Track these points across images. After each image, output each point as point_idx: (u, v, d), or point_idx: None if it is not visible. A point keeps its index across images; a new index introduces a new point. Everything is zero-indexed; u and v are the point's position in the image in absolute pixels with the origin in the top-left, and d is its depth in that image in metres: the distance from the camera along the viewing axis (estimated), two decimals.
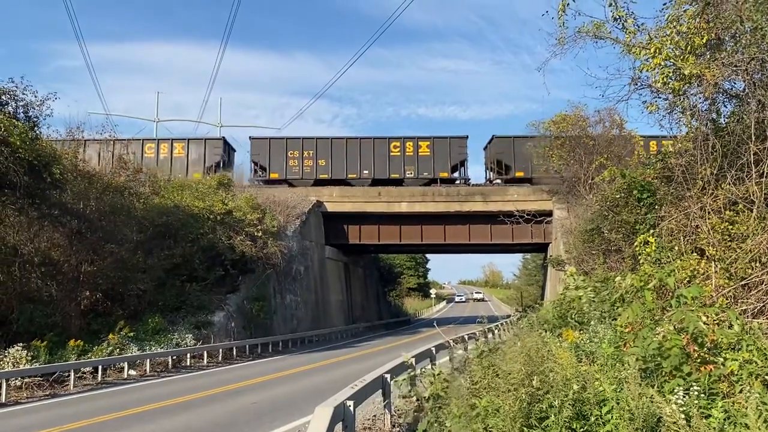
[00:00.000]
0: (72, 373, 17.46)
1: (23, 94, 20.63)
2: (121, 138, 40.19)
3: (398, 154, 39.26)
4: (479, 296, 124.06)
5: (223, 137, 40.76)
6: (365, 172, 38.96)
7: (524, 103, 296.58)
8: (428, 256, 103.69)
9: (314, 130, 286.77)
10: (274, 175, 39.08)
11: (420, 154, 39.18)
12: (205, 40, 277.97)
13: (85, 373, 18.58)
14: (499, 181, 40.13)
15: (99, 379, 18.42)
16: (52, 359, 18.25)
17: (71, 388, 17.09)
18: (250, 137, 41.18)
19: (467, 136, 40.31)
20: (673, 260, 11.13)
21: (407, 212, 38.43)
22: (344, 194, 38.56)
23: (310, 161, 39.23)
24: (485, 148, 41.86)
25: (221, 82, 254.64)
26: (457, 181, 40.11)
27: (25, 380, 16.44)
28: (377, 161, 39.11)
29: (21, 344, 17.70)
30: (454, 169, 39.80)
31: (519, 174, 38.28)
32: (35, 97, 20.94)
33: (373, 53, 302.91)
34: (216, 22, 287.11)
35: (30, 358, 17.53)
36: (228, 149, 41.19)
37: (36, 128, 21.06)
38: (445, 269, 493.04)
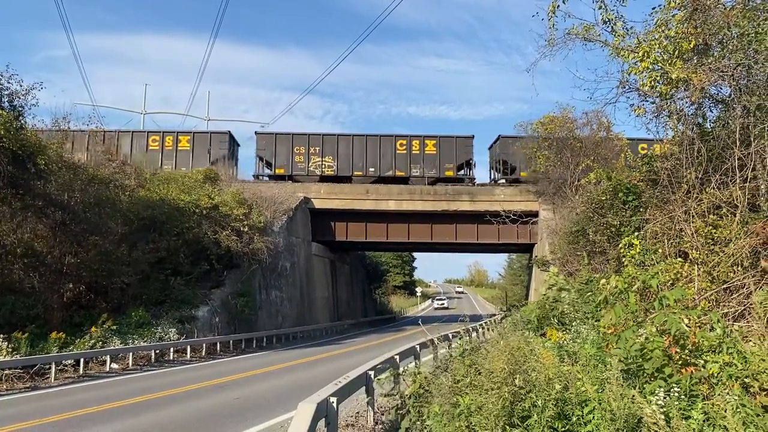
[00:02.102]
0: (53, 366, 17.31)
1: (8, 83, 20.45)
2: (125, 129, 40.07)
3: (404, 152, 39.36)
4: (459, 290, 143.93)
5: (229, 131, 40.55)
6: (371, 169, 39.04)
7: (515, 103, 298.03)
8: (415, 254, 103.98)
9: (304, 126, 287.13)
10: (280, 171, 39.05)
11: (426, 152, 39.32)
12: (197, 33, 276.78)
13: (66, 365, 18.42)
14: (503, 181, 40.26)
15: (81, 372, 18.27)
16: (33, 351, 18.08)
17: (52, 380, 16.94)
18: (255, 132, 41.17)
19: (473, 136, 40.42)
20: (657, 263, 11.20)
21: (395, 210, 38.45)
22: (332, 191, 38.51)
23: (317, 157, 39.18)
24: (490, 148, 41.98)
25: (212, 76, 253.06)
26: (464, 180, 40.20)
27: (5, 372, 16.26)
28: (383, 159, 39.19)
29: (1, 336, 17.54)
30: (459, 167, 39.91)
31: (524, 174, 38.28)
32: (20, 86, 20.76)
33: (365, 51, 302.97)
34: (209, 15, 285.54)
35: (11, 349, 17.37)
36: (233, 143, 41.05)
37: (21, 118, 20.84)
38: (432, 268, 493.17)
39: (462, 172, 40.40)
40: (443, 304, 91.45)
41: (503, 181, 40.26)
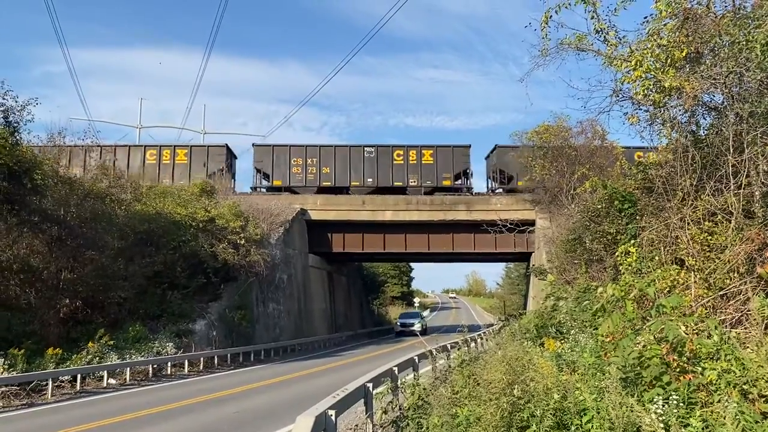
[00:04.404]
0: (50, 382, 17.19)
1: (3, 98, 20.41)
2: (123, 144, 40.16)
3: (401, 162, 39.35)
4: (452, 296, 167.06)
5: (226, 144, 40.57)
6: (369, 180, 39.02)
7: (511, 113, 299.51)
8: (412, 264, 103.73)
9: (302, 138, 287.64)
10: (277, 182, 39.05)
11: (423, 162, 39.31)
12: (193, 47, 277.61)
13: (63, 381, 18.30)
14: (501, 190, 40.32)
15: (78, 388, 18.16)
16: (30, 368, 17.95)
17: (49, 397, 16.83)
18: (253, 144, 41.14)
19: (470, 146, 40.51)
20: (654, 270, 11.23)
21: (391, 221, 38.44)
22: (328, 202, 38.51)
23: (314, 168, 39.22)
24: (487, 158, 42.04)
25: (209, 89, 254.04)
26: (461, 190, 40.24)
27: (2, 389, 16.16)
28: (380, 169, 39.20)
29: None
30: (457, 177, 39.93)
31: (521, 183, 38.24)
32: (16, 102, 20.73)
33: (362, 62, 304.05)
34: (205, 29, 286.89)
35: (7, 366, 17.23)
36: (230, 156, 41.10)
37: (17, 133, 20.82)
38: (429, 278, 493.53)
39: (459, 181, 40.46)
40: (412, 326, 51.74)
41: (500, 190, 40.29)
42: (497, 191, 40.47)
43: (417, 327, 51.09)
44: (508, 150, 39.04)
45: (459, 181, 40.37)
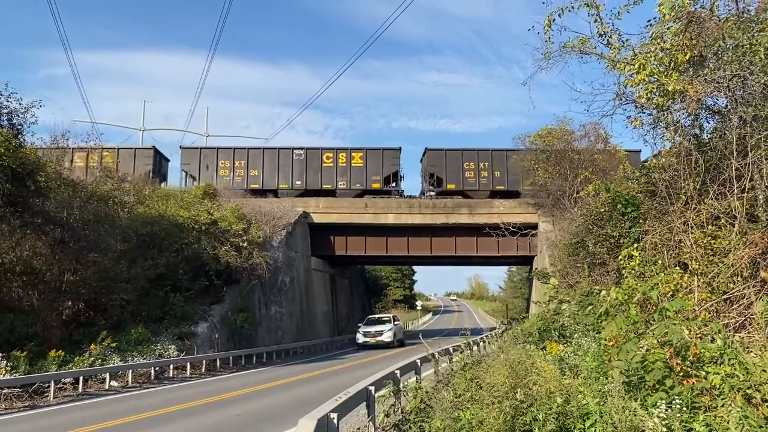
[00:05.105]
0: (52, 384, 17.19)
1: (7, 101, 20.46)
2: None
3: (331, 165, 39.50)
4: (453, 299, 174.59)
5: (154, 146, 40.61)
6: (298, 182, 39.14)
7: (514, 116, 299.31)
8: (415, 268, 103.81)
9: (305, 141, 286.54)
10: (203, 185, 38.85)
11: (353, 165, 39.46)
12: (196, 50, 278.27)
13: (65, 384, 18.30)
14: (432, 193, 40.56)
15: (80, 390, 18.15)
16: (32, 370, 17.95)
17: (51, 399, 16.83)
18: (180, 146, 41.39)
19: (400, 148, 40.82)
20: (657, 274, 11.19)
21: (394, 224, 38.46)
22: (331, 205, 38.55)
23: (242, 171, 39.32)
24: (421, 161, 42.26)
25: (212, 92, 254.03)
26: (392, 193, 40.23)
27: (4, 391, 16.15)
28: (310, 172, 39.29)
29: (0, 354, 17.43)
30: (386, 180, 39.98)
31: (450, 186, 38.92)
32: (20, 104, 20.78)
33: (366, 65, 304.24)
34: (208, 32, 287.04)
35: (9, 368, 17.24)
36: (159, 158, 40.94)
37: (20, 136, 20.87)
38: (432, 281, 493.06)
39: (394, 184, 40.53)
40: (380, 334, 37.07)
41: (432, 193, 40.58)
42: (428, 194, 40.76)
43: (387, 336, 35.81)
44: (438, 153, 39.61)
45: (393, 184, 40.45)
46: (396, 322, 39.23)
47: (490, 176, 39.17)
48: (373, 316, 44.24)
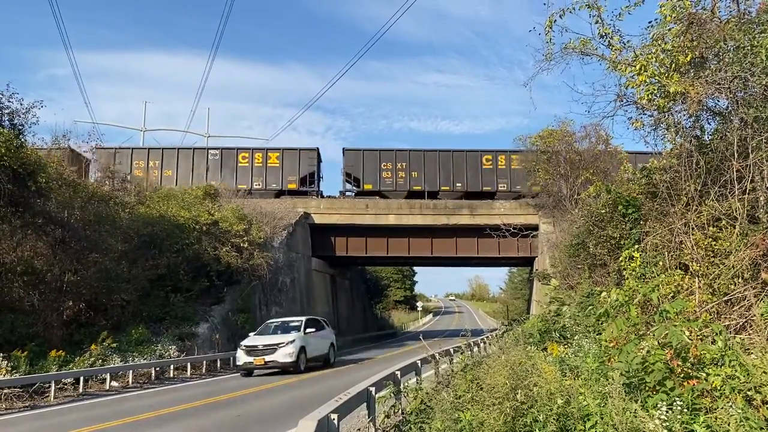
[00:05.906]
0: (53, 384, 17.21)
1: (9, 101, 20.53)
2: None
3: (247, 164, 39.61)
4: (452, 299, 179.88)
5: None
6: (212, 183, 38.47)
7: (515, 117, 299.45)
8: (415, 269, 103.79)
9: (306, 142, 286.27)
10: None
11: (269, 165, 39.58)
12: (198, 50, 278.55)
13: (66, 384, 18.31)
14: (351, 193, 40.82)
15: (80, 390, 18.16)
16: (33, 370, 17.98)
17: (51, 399, 16.84)
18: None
19: (317, 149, 40.88)
20: (658, 275, 11.19)
21: (395, 225, 38.47)
22: (331, 206, 38.58)
23: (156, 171, 39.08)
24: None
25: (214, 92, 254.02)
26: (308, 193, 40.28)
27: (4, 391, 16.16)
28: (225, 172, 39.36)
29: (1, 354, 17.44)
30: (303, 181, 39.99)
31: (368, 186, 39.19)
32: (21, 105, 20.85)
33: (367, 66, 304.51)
34: (210, 32, 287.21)
35: (10, 368, 17.27)
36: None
37: (21, 136, 20.91)
38: (432, 282, 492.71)
39: (313, 185, 40.53)
40: (273, 351, 21.55)
41: (350, 192, 40.89)
42: (347, 193, 41.09)
43: (283, 355, 21.66)
44: (355, 153, 39.99)
45: (312, 185, 40.45)
46: (314, 330, 23.62)
47: (407, 177, 39.44)
48: (273, 320, 25.40)
